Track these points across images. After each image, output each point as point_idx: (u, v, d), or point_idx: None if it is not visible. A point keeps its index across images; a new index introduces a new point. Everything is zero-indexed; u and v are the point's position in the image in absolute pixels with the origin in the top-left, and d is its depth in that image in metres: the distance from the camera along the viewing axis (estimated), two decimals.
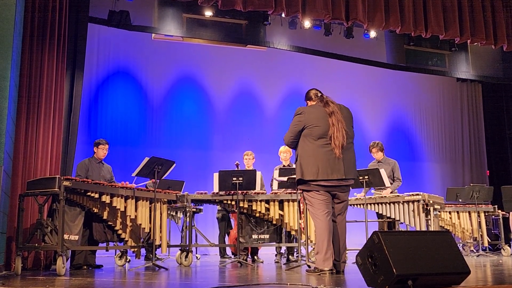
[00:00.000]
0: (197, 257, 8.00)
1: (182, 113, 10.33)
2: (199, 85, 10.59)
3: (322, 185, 4.20)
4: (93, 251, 5.95)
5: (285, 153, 7.37)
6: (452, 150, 12.24)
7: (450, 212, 8.15)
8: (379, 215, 6.97)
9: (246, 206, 6.47)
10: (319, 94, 4.41)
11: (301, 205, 6.24)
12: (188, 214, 6.53)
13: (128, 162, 8.58)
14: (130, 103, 10.01)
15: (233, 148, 10.11)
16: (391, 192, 6.96)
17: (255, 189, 6.31)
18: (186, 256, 6.27)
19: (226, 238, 7.73)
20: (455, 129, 12.28)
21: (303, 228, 6.20)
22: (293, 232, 6.60)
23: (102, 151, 6.53)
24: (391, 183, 7.16)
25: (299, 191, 6.21)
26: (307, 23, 9.17)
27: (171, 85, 10.39)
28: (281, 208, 6.56)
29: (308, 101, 4.50)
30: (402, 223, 6.76)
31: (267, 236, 6.60)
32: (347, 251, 4.52)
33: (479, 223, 8.19)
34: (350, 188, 4.43)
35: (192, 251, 6.44)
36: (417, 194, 6.60)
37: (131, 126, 9.89)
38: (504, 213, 8.42)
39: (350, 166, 4.22)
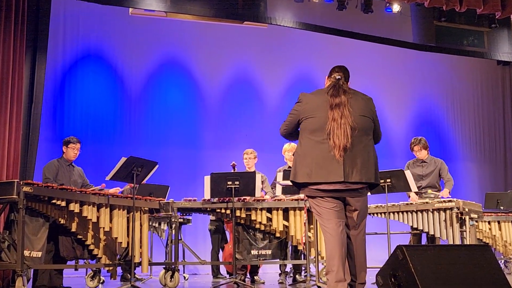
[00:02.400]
0: (184, 277, 8.00)
1: (166, 105, 10.32)
2: (187, 70, 10.57)
3: (324, 190, 4.13)
4: (60, 270, 5.94)
5: (290, 152, 7.36)
6: (492, 148, 12.23)
7: (489, 222, 8.14)
8: (412, 228, 6.97)
9: (243, 215, 6.46)
10: (338, 77, 4.31)
11: (305, 214, 6.24)
12: (173, 225, 6.52)
13: (102, 163, 8.56)
14: (104, 92, 9.99)
15: (228, 146, 10.10)
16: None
17: (254, 195, 6.30)
18: (172, 276, 6.26)
19: (220, 254, 7.73)
20: (496, 122, 12.28)
21: (304, 243, 6.19)
22: (300, 247, 6.59)
23: (72, 151, 6.54)
24: (434, 187, 7.22)
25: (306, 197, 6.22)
26: None
27: (153, 71, 10.37)
28: (286, 217, 6.55)
29: (326, 78, 4.46)
30: (432, 235, 6.76)
31: (269, 252, 6.60)
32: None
33: None
34: (365, 193, 4.31)
35: (179, 270, 6.43)
36: (450, 201, 6.60)
37: (105, 120, 9.88)
38: None
39: (355, 166, 4.07)
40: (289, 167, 7.33)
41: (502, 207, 8.16)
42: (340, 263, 4.06)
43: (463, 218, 6.54)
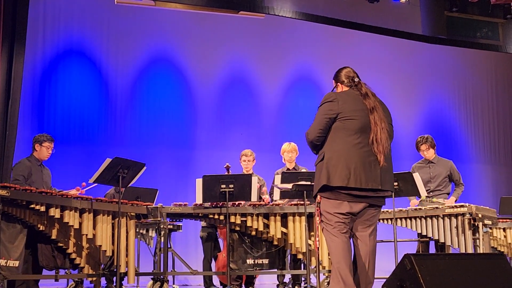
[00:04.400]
0: None
1: (154, 101, 10.30)
2: (177, 64, 10.56)
3: (353, 195, 4.13)
4: (38, 281, 5.93)
5: (290, 153, 7.36)
6: (508, 149, 12.25)
7: (504, 229, 8.14)
8: (420, 235, 6.98)
9: (238, 221, 6.46)
10: (356, 79, 4.32)
11: (317, 218, 6.20)
12: (162, 232, 6.51)
13: (85, 164, 8.54)
14: (87, 88, 9.96)
15: (222, 146, 10.09)
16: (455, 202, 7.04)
17: (250, 199, 6.29)
18: (161, 287, 6.25)
19: (213, 263, 7.72)
20: None
21: (318, 248, 6.18)
22: (300, 256, 6.59)
23: (47, 151, 6.51)
24: (441, 190, 7.22)
25: (309, 202, 6.21)
26: None
27: (140, 64, 10.35)
28: (284, 224, 6.55)
29: (338, 84, 4.43)
30: (442, 243, 6.77)
31: (266, 261, 6.60)
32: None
33: None
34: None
35: (168, 280, 6.42)
36: (462, 206, 6.60)
37: (88, 118, 9.86)
38: None
39: (386, 175, 4.18)
40: (288, 169, 7.33)
41: None
42: (347, 272, 4.03)
43: (476, 224, 6.54)
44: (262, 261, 6.58)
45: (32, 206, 5.32)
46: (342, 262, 4.06)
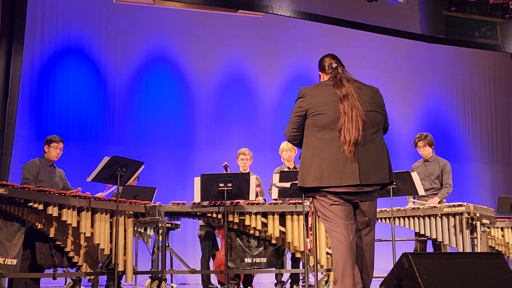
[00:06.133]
0: (172, 287, 8.00)
1: (152, 100, 10.29)
2: (175, 63, 10.55)
3: (334, 192, 4.05)
4: (36, 279, 5.92)
5: (288, 152, 7.36)
6: (506, 148, 12.26)
7: (502, 228, 8.14)
8: (418, 234, 6.98)
9: (237, 220, 6.46)
10: (334, 65, 4.20)
11: (310, 218, 6.21)
12: (161, 231, 6.51)
13: (83, 162, 8.53)
14: (86, 87, 9.95)
15: (220, 145, 10.09)
16: (439, 202, 7.01)
17: (248, 198, 6.29)
18: (159, 286, 6.25)
19: (211, 262, 7.72)
20: (510, 120, 12.30)
21: (309, 250, 6.19)
22: (298, 255, 6.59)
23: (55, 151, 6.56)
24: (437, 190, 7.22)
25: (306, 201, 6.21)
26: None
27: (139, 64, 10.34)
28: (283, 223, 6.55)
29: (321, 73, 4.33)
30: (440, 242, 6.78)
31: (264, 260, 6.60)
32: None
33: None
34: (377, 196, 4.23)
35: (166, 279, 6.42)
36: (460, 205, 6.60)
37: (86, 117, 9.85)
38: None
39: (370, 167, 3.97)
40: (288, 168, 7.33)
41: None
42: (349, 271, 3.99)
43: (474, 223, 6.54)
44: (260, 260, 6.58)
45: (30, 204, 5.32)
46: (342, 260, 3.96)
